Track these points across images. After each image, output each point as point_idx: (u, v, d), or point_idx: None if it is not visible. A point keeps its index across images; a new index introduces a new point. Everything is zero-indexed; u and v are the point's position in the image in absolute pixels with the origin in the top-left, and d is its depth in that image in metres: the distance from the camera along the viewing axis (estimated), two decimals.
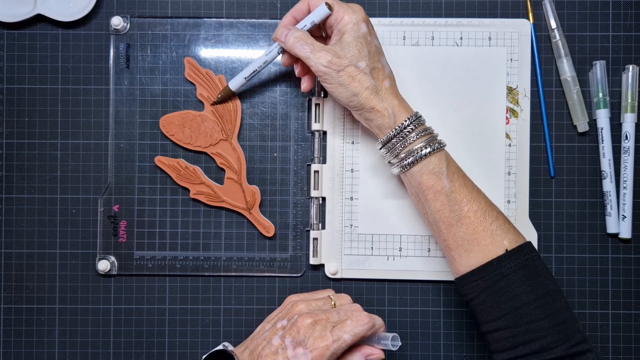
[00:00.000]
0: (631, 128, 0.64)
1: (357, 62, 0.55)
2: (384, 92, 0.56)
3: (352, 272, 0.65)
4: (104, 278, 0.66)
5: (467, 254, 0.53)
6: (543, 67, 0.65)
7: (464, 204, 0.53)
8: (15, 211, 0.66)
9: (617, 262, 0.65)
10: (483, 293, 0.52)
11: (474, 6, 0.66)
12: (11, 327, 0.65)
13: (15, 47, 0.66)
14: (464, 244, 0.53)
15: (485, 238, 0.52)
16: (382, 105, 0.56)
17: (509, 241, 0.52)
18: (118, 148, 0.66)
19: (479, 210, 0.53)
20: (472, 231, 0.53)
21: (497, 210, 0.55)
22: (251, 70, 0.62)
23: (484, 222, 0.53)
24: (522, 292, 0.51)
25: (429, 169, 0.54)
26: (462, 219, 0.53)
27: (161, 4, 0.67)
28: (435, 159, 0.54)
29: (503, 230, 0.53)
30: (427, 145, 0.54)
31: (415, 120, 0.55)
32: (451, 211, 0.53)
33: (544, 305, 0.50)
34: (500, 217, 0.54)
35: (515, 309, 0.51)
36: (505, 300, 0.51)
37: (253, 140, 0.66)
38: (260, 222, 0.65)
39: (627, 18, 0.66)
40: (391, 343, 0.53)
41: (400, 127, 0.55)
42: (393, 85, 0.57)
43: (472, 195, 0.54)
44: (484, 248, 0.52)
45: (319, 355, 0.50)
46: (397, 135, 0.55)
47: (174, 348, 0.65)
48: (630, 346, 0.65)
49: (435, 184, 0.54)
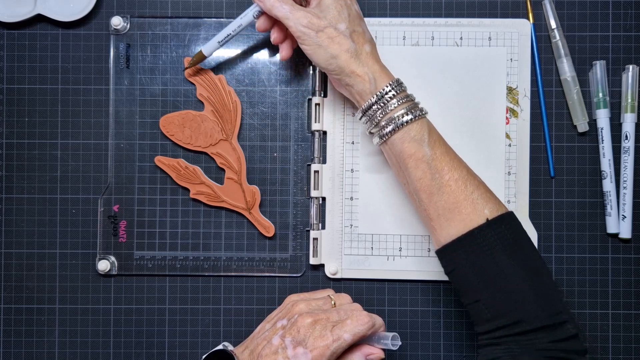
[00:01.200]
0: (631, 128, 0.64)
1: (337, 24, 0.55)
2: (364, 56, 0.55)
3: (352, 272, 0.65)
4: (104, 278, 0.66)
5: (448, 224, 0.52)
6: (543, 67, 0.65)
7: (445, 172, 0.52)
8: (15, 211, 0.66)
9: (617, 262, 0.65)
10: (464, 263, 0.51)
11: (474, 6, 0.66)
12: (11, 327, 0.65)
13: (15, 47, 0.66)
14: (445, 213, 0.52)
15: (466, 207, 0.52)
16: (363, 70, 0.55)
17: (489, 210, 0.52)
18: (118, 148, 0.66)
19: (460, 178, 0.52)
20: (453, 200, 0.52)
21: (479, 179, 0.54)
22: (225, 35, 0.61)
23: (465, 190, 0.52)
24: (503, 261, 0.50)
25: (410, 136, 0.53)
26: (443, 188, 0.52)
27: (161, 4, 0.67)
28: (417, 126, 0.53)
29: (484, 199, 0.52)
30: (408, 112, 0.53)
31: (396, 87, 0.54)
32: (432, 179, 0.53)
33: (525, 275, 0.50)
34: (481, 187, 0.53)
35: (496, 279, 0.50)
36: (486, 269, 0.50)
37: (253, 140, 0.66)
38: (260, 222, 0.65)
39: (627, 18, 0.66)
40: (391, 342, 0.53)
41: (382, 93, 0.54)
42: (374, 51, 0.56)
43: (454, 163, 0.53)
44: (464, 217, 0.52)
45: (319, 354, 0.50)
46: (378, 101, 0.54)
47: (174, 348, 0.65)
48: (630, 346, 0.65)
49: (416, 151, 0.53)
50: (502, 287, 0.50)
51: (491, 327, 0.50)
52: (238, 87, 0.66)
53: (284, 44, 0.61)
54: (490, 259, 0.50)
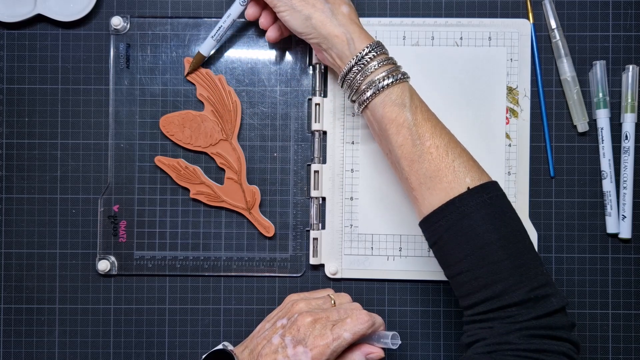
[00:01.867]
0: (631, 128, 0.64)
1: None
2: (340, 16, 0.55)
3: (352, 272, 0.65)
4: (104, 278, 0.66)
5: (430, 193, 0.51)
6: (543, 67, 0.65)
7: (427, 138, 0.51)
8: (15, 211, 0.66)
9: (617, 262, 0.65)
10: (445, 234, 0.50)
11: (474, 6, 0.66)
12: (11, 327, 0.65)
13: (15, 47, 0.66)
14: (426, 181, 0.51)
15: (447, 175, 0.51)
16: (339, 30, 0.54)
17: (471, 179, 0.50)
18: (118, 148, 0.66)
19: (441, 146, 0.51)
20: (434, 168, 0.51)
21: (462, 147, 0.53)
22: (217, 28, 0.62)
23: (446, 158, 0.51)
24: (485, 231, 0.49)
25: (391, 99, 0.52)
26: (424, 155, 0.51)
27: (161, 4, 0.67)
28: (398, 90, 0.53)
29: (466, 167, 0.51)
30: (389, 75, 0.53)
31: (376, 48, 0.54)
32: (413, 146, 0.52)
33: (507, 245, 0.49)
34: (464, 155, 0.52)
35: (477, 249, 0.49)
36: (467, 240, 0.49)
37: (253, 140, 0.66)
38: (260, 222, 0.65)
39: (627, 18, 0.66)
40: (391, 341, 0.53)
41: (360, 54, 0.53)
42: (352, 13, 0.56)
43: (436, 130, 0.52)
44: (446, 186, 0.50)
45: (319, 353, 0.50)
46: (357, 63, 0.53)
47: (174, 348, 0.65)
48: (630, 346, 0.65)
49: (397, 116, 0.52)
50: (483, 257, 0.49)
51: (474, 301, 0.49)
52: (238, 87, 0.66)
53: (272, 27, 0.61)
54: (471, 228, 0.49)
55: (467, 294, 0.50)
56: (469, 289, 0.50)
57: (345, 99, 0.65)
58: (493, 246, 0.49)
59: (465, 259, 0.49)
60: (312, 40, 0.57)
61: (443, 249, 0.51)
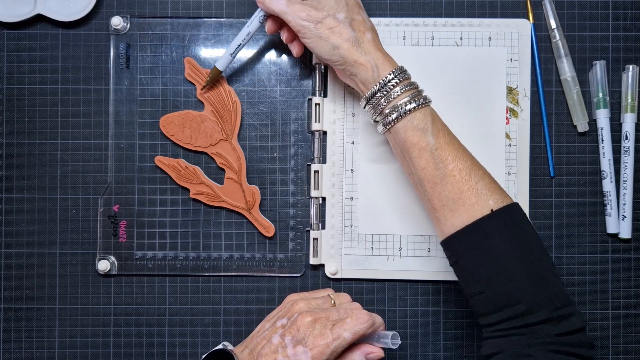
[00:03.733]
0: (631, 128, 0.64)
1: (335, 13, 0.55)
2: (365, 44, 0.55)
3: (352, 272, 0.65)
4: (104, 278, 0.66)
5: (452, 214, 0.52)
6: (543, 67, 0.65)
7: (449, 162, 0.52)
8: (15, 211, 0.66)
9: (617, 262, 0.65)
10: (467, 254, 0.51)
11: (474, 6, 0.66)
12: (11, 327, 0.65)
13: (15, 47, 0.66)
14: (449, 203, 0.52)
15: (470, 197, 0.51)
16: (365, 58, 0.54)
17: (494, 201, 0.51)
18: (118, 148, 0.66)
19: (464, 168, 0.52)
20: (457, 190, 0.51)
21: (484, 169, 0.53)
22: (236, 45, 0.61)
23: (469, 181, 0.51)
24: (507, 252, 0.49)
25: (414, 124, 0.53)
26: (446, 178, 0.52)
27: (161, 4, 0.67)
28: (420, 115, 0.53)
29: (489, 189, 0.52)
30: (411, 100, 0.53)
31: (399, 74, 0.54)
32: (436, 169, 0.52)
33: (528, 266, 0.49)
34: (486, 177, 0.53)
35: (499, 270, 0.49)
36: (489, 261, 0.50)
37: (253, 140, 0.66)
38: (260, 222, 0.65)
39: (627, 18, 0.66)
40: (391, 341, 0.53)
41: (384, 81, 0.54)
42: (375, 38, 0.56)
43: (458, 153, 0.53)
44: (469, 208, 0.51)
45: (319, 353, 0.50)
46: (381, 89, 0.54)
47: (174, 348, 0.65)
48: (630, 346, 0.65)
49: (419, 140, 0.53)
50: (506, 278, 0.49)
51: (495, 320, 0.50)
52: (238, 87, 0.66)
53: (294, 42, 0.61)
54: (494, 250, 0.50)
55: (487, 313, 0.50)
56: (490, 308, 0.50)
57: (344, 101, 0.65)
58: (515, 267, 0.49)
59: (487, 279, 0.50)
60: (338, 67, 0.57)
61: (464, 269, 0.52)
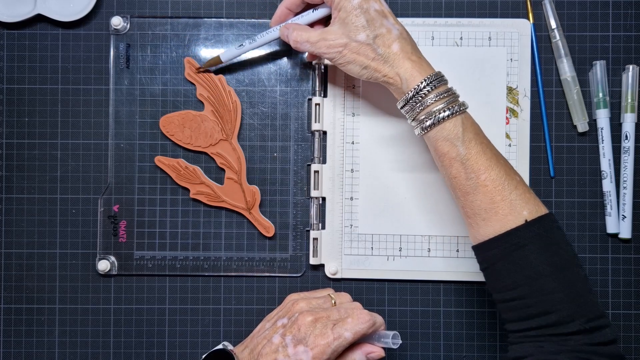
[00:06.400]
0: (631, 128, 0.64)
1: (356, 36, 0.54)
2: (392, 57, 0.54)
3: (352, 272, 0.65)
4: (104, 278, 0.66)
5: (485, 223, 0.51)
6: (543, 67, 0.65)
7: (481, 172, 0.51)
8: (15, 211, 0.66)
9: (617, 262, 0.65)
10: (499, 262, 0.51)
11: (474, 6, 0.66)
12: (11, 327, 0.65)
13: (15, 47, 0.66)
14: (481, 212, 0.51)
15: (503, 208, 0.50)
16: (393, 71, 0.54)
17: (528, 211, 0.50)
18: (118, 148, 0.66)
19: (497, 179, 0.51)
20: (489, 200, 0.51)
21: (518, 178, 0.52)
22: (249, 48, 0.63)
23: (502, 191, 0.51)
24: (540, 263, 0.49)
25: (443, 135, 0.52)
26: (478, 188, 0.51)
27: (161, 4, 0.67)
28: (450, 125, 0.52)
29: (523, 200, 0.51)
30: (446, 108, 0.52)
31: (433, 81, 0.53)
32: (467, 179, 0.52)
33: (561, 277, 0.49)
34: (520, 186, 0.51)
35: (531, 280, 0.49)
36: (522, 270, 0.49)
37: (253, 140, 0.66)
38: (260, 222, 0.65)
39: (627, 18, 0.66)
40: (392, 341, 0.53)
41: (415, 90, 0.53)
42: (404, 47, 0.55)
43: (491, 163, 0.51)
44: (502, 218, 0.50)
45: (320, 352, 0.50)
46: (414, 97, 0.53)
47: (174, 348, 0.65)
48: (631, 346, 0.65)
49: (449, 150, 0.52)
50: (537, 288, 0.49)
51: (524, 327, 0.50)
52: (238, 87, 0.66)
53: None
54: (526, 260, 0.49)
55: (516, 320, 0.50)
56: (520, 315, 0.50)
57: (344, 101, 0.65)
58: (547, 278, 0.49)
59: (518, 287, 0.50)
60: (372, 81, 0.57)
61: (494, 276, 0.52)
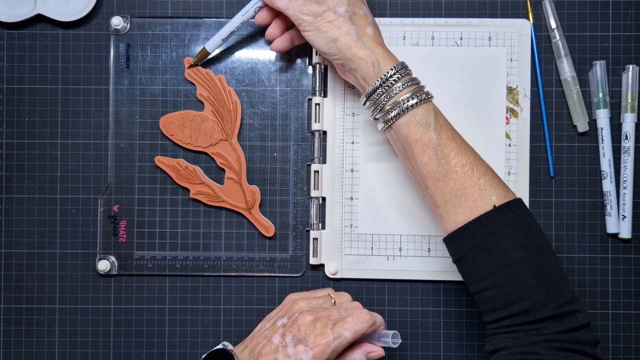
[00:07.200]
0: (631, 128, 0.64)
1: (335, 7, 0.54)
2: (366, 38, 0.55)
3: (352, 272, 0.65)
4: (104, 278, 0.66)
5: (455, 210, 0.51)
6: (543, 67, 0.65)
7: (452, 157, 0.52)
8: (15, 211, 0.66)
9: (617, 262, 0.65)
10: (471, 251, 0.51)
11: (474, 6, 0.66)
12: (11, 327, 0.65)
13: (15, 47, 0.66)
14: (452, 199, 0.52)
15: (473, 193, 0.51)
16: (365, 52, 0.54)
17: (497, 197, 0.51)
18: (118, 148, 0.66)
19: (467, 164, 0.52)
20: (459, 186, 0.51)
21: (486, 165, 0.53)
22: (228, 31, 0.62)
23: (471, 176, 0.51)
24: (511, 249, 0.49)
25: (416, 120, 0.52)
26: (449, 173, 0.51)
27: (161, 4, 0.67)
28: (422, 110, 0.53)
29: (492, 185, 0.51)
30: (413, 96, 0.53)
31: (401, 69, 0.54)
32: (438, 165, 0.52)
33: (533, 263, 0.49)
34: (489, 173, 0.52)
35: (504, 267, 0.49)
36: (494, 258, 0.50)
37: (253, 140, 0.66)
38: (260, 222, 0.65)
39: (627, 18, 0.66)
40: (392, 340, 0.53)
41: (385, 77, 0.53)
42: (377, 34, 0.56)
43: (461, 149, 0.52)
44: (471, 204, 0.51)
45: (320, 352, 0.50)
46: (382, 85, 0.53)
47: (174, 348, 0.65)
48: (630, 346, 0.65)
49: (422, 136, 0.52)
50: (510, 275, 0.49)
51: (499, 316, 0.50)
52: (238, 87, 0.66)
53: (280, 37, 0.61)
54: (497, 246, 0.49)
55: (492, 310, 0.50)
56: (495, 305, 0.50)
57: (344, 101, 0.65)
58: (519, 264, 0.49)
59: (491, 276, 0.50)
60: (337, 61, 0.57)
61: (468, 266, 0.52)
